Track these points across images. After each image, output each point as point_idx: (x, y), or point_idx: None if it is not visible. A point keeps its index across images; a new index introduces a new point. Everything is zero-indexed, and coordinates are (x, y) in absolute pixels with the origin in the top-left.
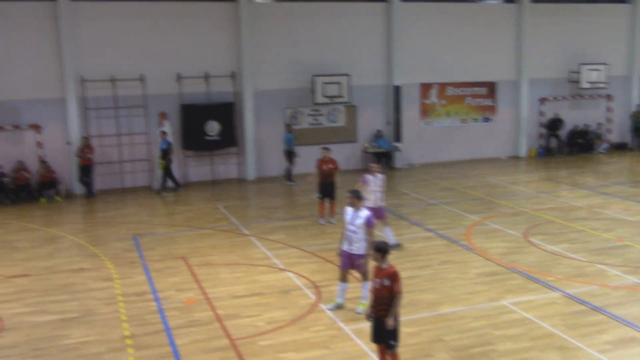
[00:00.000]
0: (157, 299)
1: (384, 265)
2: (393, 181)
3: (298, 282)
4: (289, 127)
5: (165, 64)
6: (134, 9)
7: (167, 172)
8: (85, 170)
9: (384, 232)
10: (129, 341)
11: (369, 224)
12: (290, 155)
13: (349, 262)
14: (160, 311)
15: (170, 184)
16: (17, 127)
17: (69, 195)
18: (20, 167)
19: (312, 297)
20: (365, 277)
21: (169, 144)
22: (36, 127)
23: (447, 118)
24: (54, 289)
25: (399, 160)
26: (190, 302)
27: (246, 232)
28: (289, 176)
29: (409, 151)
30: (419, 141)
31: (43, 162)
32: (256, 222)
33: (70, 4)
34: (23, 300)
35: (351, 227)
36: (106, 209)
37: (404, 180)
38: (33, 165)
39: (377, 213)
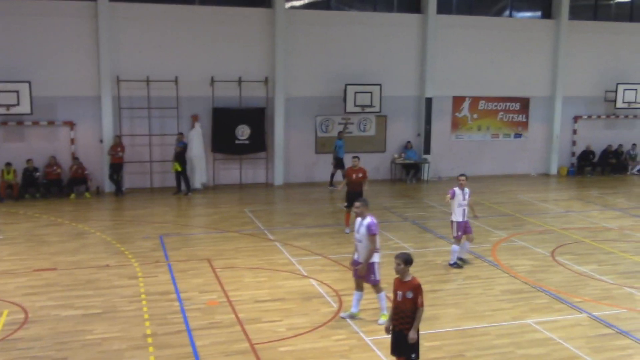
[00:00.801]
0: (179, 299)
1: (407, 278)
2: (420, 193)
3: (320, 289)
4: (340, 134)
5: (200, 67)
6: (171, 11)
7: (182, 174)
8: (116, 168)
9: (463, 245)
10: (150, 339)
11: (369, 231)
12: (338, 161)
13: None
14: (182, 311)
15: (183, 186)
16: (51, 123)
17: (99, 193)
18: (53, 162)
19: (334, 305)
20: (375, 288)
21: (184, 145)
22: (70, 124)
23: (479, 132)
24: (79, 284)
25: (427, 173)
26: (213, 304)
27: (271, 237)
28: (331, 181)
29: (438, 164)
30: (449, 154)
31: (75, 158)
32: (282, 227)
33: (109, 4)
34: (49, 293)
35: (357, 236)
36: (134, 207)
37: (432, 193)
38: (65, 161)
39: (464, 227)
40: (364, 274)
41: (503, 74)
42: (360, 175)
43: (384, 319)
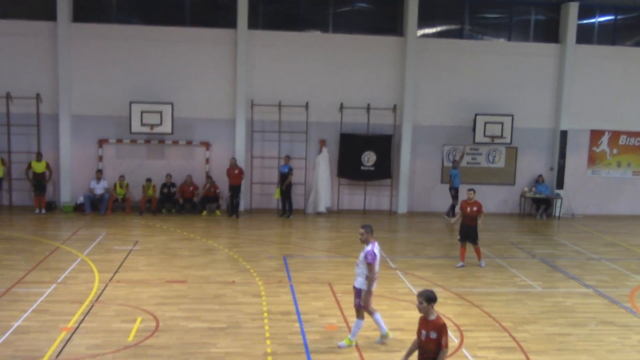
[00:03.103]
0: (300, 321)
1: (431, 317)
2: (551, 230)
3: None
4: (455, 164)
5: (330, 93)
6: (305, 39)
7: (286, 197)
8: (233, 190)
9: None
10: (270, 358)
11: (367, 259)
12: (455, 191)
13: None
14: (302, 333)
15: (286, 207)
16: (189, 142)
17: (228, 211)
18: (189, 181)
19: (455, 340)
20: (357, 312)
21: (290, 168)
22: (206, 145)
23: (618, 169)
24: (206, 298)
25: (559, 209)
26: (332, 328)
27: (392, 265)
28: (449, 212)
29: (572, 200)
30: (584, 190)
31: (209, 177)
32: (403, 256)
33: (248, 32)
34: (179, 305)
35: (357, 261)
36: (260, 227)
37: (564, 231)
38: (199, 180)
39: None
40: (366, 303)
41: None
42: (475, 208)
43: (346, 343)
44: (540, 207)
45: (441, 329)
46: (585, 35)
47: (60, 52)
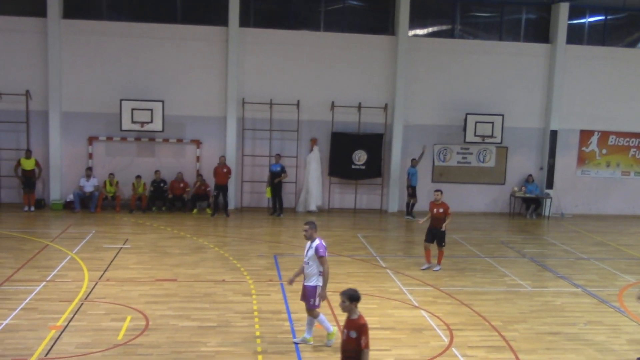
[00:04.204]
0: (290, 320)
1: (354, 316)
2: (541, 229)
3: (431, 321)
4: (414, 162)
5: (321, 92)
6: (296, 37)
7: (277, 195)
8: (220, 189)
9: None
10: (260, 357)
11: (318, 253)
12: (412, 190)
13: (304, 296)
14: (293, 332)
15: (277, 205)
16: (180, 140)
17: (212, 210)
18: (180, 178)
19: (445, 339)
20: (310, 312)
21: (282, 167)
22: (197, 143)
23: (607, 169)
24: (197, 297)
25: (549, 208)
26: (322, 327)
27: (383, 264)
28: (410, 212)
29: (561, 199)
30: (574, 190)
31: (199, 175)
32: (394, 255)
33: (240, 29)
34: (169, 303)
35: (305, 259)
36: (251, 225)
37: (553, 230)
38: (190, 178)
39: None
40: (323, 297)
41: (637, 108)
42: (441, 210)
43: (331, 338)
44: (530, 206)
45: (361, 329)
46: (576, 36)
47: (50, 49)
